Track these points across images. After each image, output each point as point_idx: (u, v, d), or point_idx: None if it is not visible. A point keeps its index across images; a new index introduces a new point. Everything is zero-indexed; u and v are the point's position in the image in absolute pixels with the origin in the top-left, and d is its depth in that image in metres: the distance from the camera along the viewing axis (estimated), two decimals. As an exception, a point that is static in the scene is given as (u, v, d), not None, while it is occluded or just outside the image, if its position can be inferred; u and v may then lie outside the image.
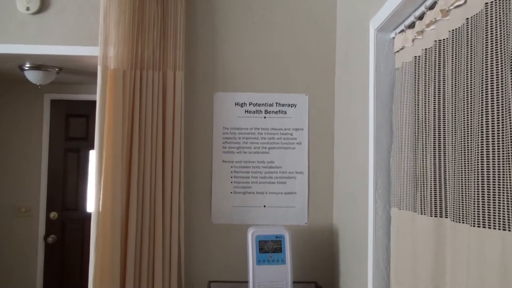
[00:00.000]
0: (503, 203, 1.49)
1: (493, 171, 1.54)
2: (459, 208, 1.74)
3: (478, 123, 1.60)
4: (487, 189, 1.55)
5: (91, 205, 3.32)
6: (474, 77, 1.67)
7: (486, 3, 1.59)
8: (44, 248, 4.69)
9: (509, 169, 1.47)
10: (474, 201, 1.60)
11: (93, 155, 3.36)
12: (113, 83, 3.30)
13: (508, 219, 1.46)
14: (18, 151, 4.76)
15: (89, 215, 3.29)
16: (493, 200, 1.53)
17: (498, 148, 1.53)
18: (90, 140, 4.45)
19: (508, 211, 1.47)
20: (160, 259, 3.33)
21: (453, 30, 1.87)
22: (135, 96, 3.40)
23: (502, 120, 1.51)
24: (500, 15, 1.54)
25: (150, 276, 3.34)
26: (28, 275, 4.64)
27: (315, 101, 3.75)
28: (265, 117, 3.73)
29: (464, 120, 1.72)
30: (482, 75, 1.59)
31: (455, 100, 1.84)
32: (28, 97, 4.78)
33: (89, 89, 4.54)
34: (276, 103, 3.74)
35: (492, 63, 1.56)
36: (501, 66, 1.53)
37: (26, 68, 4.04)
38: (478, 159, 1.59)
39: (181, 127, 3.48)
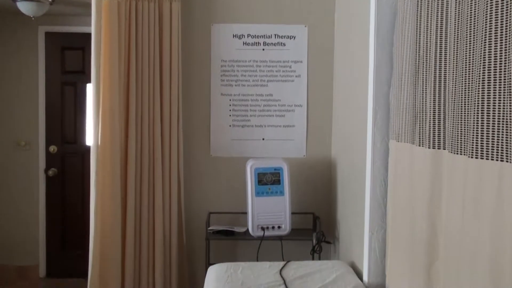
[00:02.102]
0: (502, 135, 1.49)
1: (493, 102, 1.53)
2: (458, 140, 1.74)
3: (481, 53, 1.57)
4: (487, 121, 1.55)
5: (90, 139, 3.32)
6: (479, 5, 1.62)
7: None
8: (45, 181, 4.73)
9: (510, 100, 1.46)
10: (473, 133, 1.60)
11: (90, 88, 3.33)
12: (107, 14, 3.23)
13: (507, 150, 1.47)
14: (15, 85, 4.71)
15: (89, 148, 3.30)
16: (492, 131, 1.53)
17: (499, 79, 1.51)
18: (87, 73, 4.39)
19: (506, 142, 1.47)
20: (160, 192, 3.38)
21: (458, -44, 1.80)
22: (131, 27, 3.33)
23: (506, 50, 1.49)
24: None
25: (151, 208, 3.40)
26: (31, 207, 4.71)
27: (315, 33, 3.68)
28: (263, 49, 3.68)
29: (466, 50, 1.69)
30: (487, 2, 1.55)
31: (458, 30, 1.80)
32: (22, 30, 4.69)
33: (84, 21, 4.43)
34: (275, 35, 3.67)
35: (498, -9, 1.51)
36: (507, -6, 1.48)
37: (19, -1, 3.93)
38: (479, 90, 1.58)
39: (178, 60, 3.43)
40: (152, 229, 3.40)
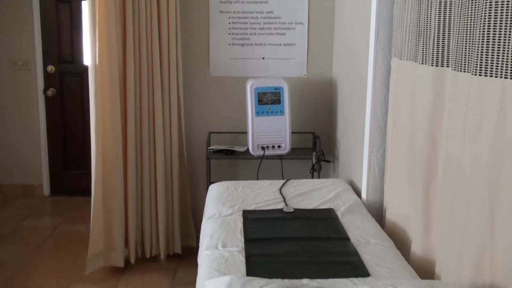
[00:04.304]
0: (507, 51, 1.46)
1: (500, 19, 1.49)
2: (462, 57, 1.71)
3: (490, -34, 1.51)
4: (493, 37, 1.51)
5: (87, 58, 3.27)
6: None
7: None
8: (45, 101, 4.71)
9: (518, 15, 1.42)
10: (478, 50, 1.57)
11: (85, 6, 3.23)
12: None
13: (511, 67, 1.44)
14: (8, 2, 4.58)
15: (87, 68, 3.25)
16: (498, 48, 1.50)
17: (508, -6, 1.46)
18: (82, -10, 4.27)
19: (511, 59, 1.44)
20: (160, 112, 3.37)
21: None
22: None
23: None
24: None
25: (151, 128, 3.40)
26: (32, 127, 4.72)
27: None
28: (263, -36, 3.55)
29: (475, -37, 1.63)
30: None
31: None
32: None
33: None
34: None
35: None
36: None
37: None
38: (485, 6, 1.53)
39: (175, -25, 3.32)
40: (153, 149, 3.41)
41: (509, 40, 1.45)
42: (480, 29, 1.56)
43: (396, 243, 2.22)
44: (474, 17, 1.62)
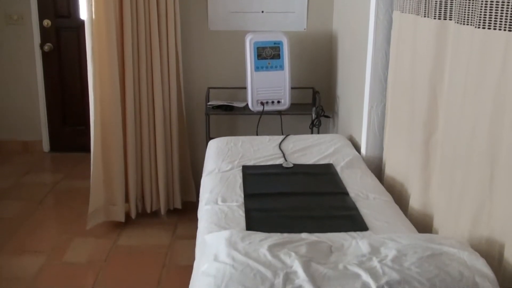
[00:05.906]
0: (511, 3, 1.43)
1: (506, -31, 1.45)
2: (465, 10, 1.67)
3: None
4: (497, -12, 1.48)
5: (83, 12, 3.20)
6: None
7: None
8: (42, 56, 4.66)
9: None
10: (482, 2, 1.53)
11: (80, -43, 3.16)
12: None
13: (516, 20, 1.42)
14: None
15: (83, 22, 3.19)
16: (502, 0, 1.46)
17: None
18: None
19: (516, 11, 1.42)
20: (158, 67, 3.33)
21: None
22: None
23: None
24: None
25: (150, 84, 3.37)
26: (29, 83, 4.68)
27: None
28: None
29: None
30: None
31: None
32: None
33: None
34: None
35: None
36: None
37: None
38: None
39: None
40: (151, 105, 3.39)
41: (514, -9, 1.42)
42: (484, -20, 1.52)
43: (394, 198, 2.23)
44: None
